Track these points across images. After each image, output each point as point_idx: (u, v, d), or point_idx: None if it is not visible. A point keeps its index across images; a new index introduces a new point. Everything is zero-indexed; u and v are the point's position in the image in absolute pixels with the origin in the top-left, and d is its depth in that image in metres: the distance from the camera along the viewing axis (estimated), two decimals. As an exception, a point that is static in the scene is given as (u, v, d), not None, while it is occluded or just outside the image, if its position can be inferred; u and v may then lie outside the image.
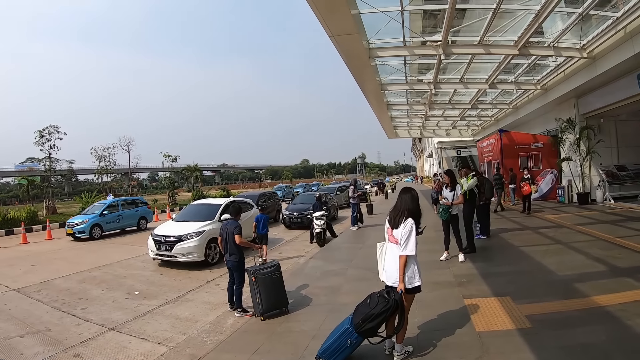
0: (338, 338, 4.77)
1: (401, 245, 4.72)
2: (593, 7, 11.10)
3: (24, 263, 13.09)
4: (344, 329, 4.78)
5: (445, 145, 43.95)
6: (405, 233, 4.71)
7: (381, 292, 4.82)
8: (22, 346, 6.29)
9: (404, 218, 4.80)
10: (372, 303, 4.71)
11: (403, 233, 4.73)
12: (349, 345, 4.72)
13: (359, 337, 4.71)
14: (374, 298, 4.78)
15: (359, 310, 4.82)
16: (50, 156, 32.77)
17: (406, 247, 4.69)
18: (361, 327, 4.66)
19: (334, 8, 10.08)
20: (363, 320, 4.65)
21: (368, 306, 4.72)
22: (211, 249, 11.59)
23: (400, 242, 4.73)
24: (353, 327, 4.71)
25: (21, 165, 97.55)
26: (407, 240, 4.70)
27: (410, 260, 4.75)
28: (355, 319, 4.76)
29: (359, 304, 4.92)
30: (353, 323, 4.74)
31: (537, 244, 10.55)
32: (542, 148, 20.79)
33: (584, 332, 5.02)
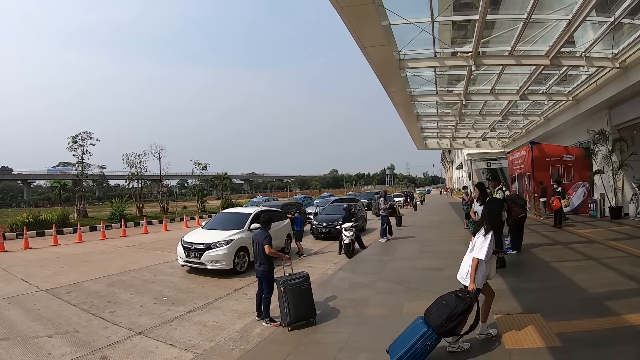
0: (417, 342, 4.79)
1: (475, 249, 5.13)
2: (625, 15, 10.88)
3: (54, 264, 13.37)
4: (422, 333, 4.82)
5: (475, 157, 43.45)
6: (485, 242, 5.09)
7: (455, 292, 5.06)
8: (50, 346, 6.39)
9: (484, 228, 5.18)
10: (451, 303, 4.93)
11: (482, 241, 5.12)
12: (428, 348, 4.81)
13: (437, 339, 4.83)
14: (450, 299, 5.00)
15: (435, 312, 4.98)
16: (82, 161, 33.44)
17: (479, 251, 5.08)
18: (444, 327, 4.82)
19: (365, 19, 10.13)
20: (446, 320, 4.81)
21: (447, 307, 4.91)
22: (240, 258, 11.61)
23: (475, 247, 5.15)
24: (432, 329, 4.81)
25: (54, 169, 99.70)
26: (482, 245, 5.09)
27: (481, 265, 5.10)
28: (433, 320, 4.89)
29: (432, 307, 5.11)
30: (431, 325, 4.85)
31: (568, 259, 10.32)
32: (573, 160, 20.38)
33: (615, 352, 4.88)
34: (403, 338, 4.99)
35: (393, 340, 5.10)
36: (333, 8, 9.47)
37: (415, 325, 4.98)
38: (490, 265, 5.28)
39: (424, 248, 13.92)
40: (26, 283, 10.76)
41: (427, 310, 5.11)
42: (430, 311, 5.06)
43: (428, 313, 5.06)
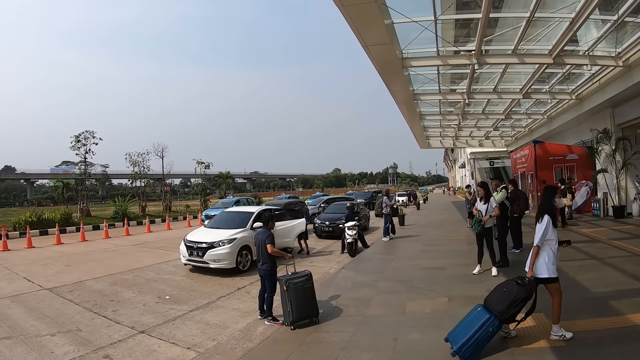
0: (479, 329, 4.87)
1: None
2: (628, 14, 10.82)
3: (57, 263, 13.42)
4: (485, 319, 4.92)
5: (478, 156, 43.38)
6: (540, 227, 5.32)
7: (515, 279, 5.20)
8: (53, 345, 6.40)
9: (541, 216, 5.39)
10: (513, 290, 5.06)
11: (539, 227, 5.35)
12: (490, 335, 4.91)
13: (499, 325, 4.95)
14: (510, 286, 5.13)
15: (497, 299, 5.09)
16: (85, 160, 33.52)
17: (535, 238, 5.32)
18: (506, 313, 4.93)
19: (367, 18, 10.10)
20: (508, 307, 4.91)
21: (509, 293, 5.04)
22: (242, 256, 11.62)
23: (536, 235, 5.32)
24: (494, 316, 4.91)
25: (57, 168, 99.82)
26: (537, 232, 5.34)
27: (542, 253, 5.29)
28: (495, 307, 4.99)
29: (492, 295, 5.22)
30: (493, 311, 4.95)
31: (571, 259, 10.26)
32: (576, 159, 20.31)
33: (618, 352, 4.87)
34: (464, 326, 5.05)
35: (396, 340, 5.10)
36: (336, 7, 9.46)
37: (476, 313, 5.06)
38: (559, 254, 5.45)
39: (426, 247, 13.91)
40: (29, 282, 10.80)
41: (487, 298, 5.22)
42: (491, 298, 5.16)
43: (488, 300, 5.16)
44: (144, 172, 38.90)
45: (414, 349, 5.48)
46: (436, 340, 5.66)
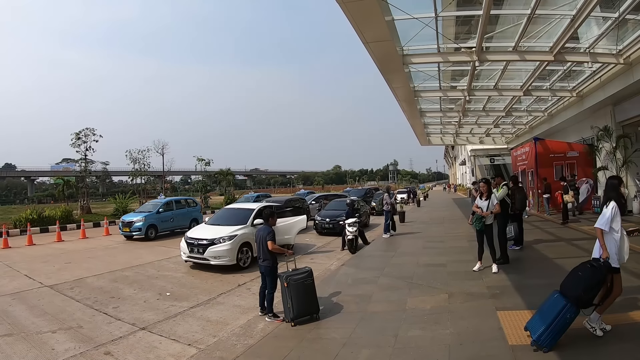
0: (557, 316, 4.89)
1: None
2: (629, 11, 10.77)
3: (57, 260, 13.41)
4: (562, 306, 4.92)
5: (478, 153, 43.37)
6: (605, 212, 5.33)
7: (589, 262, 5.18)
8: (54, 341, 6.41)
9: (607, 202, 5.40)
10: (587, 274, 5.01)
11: (604, 212, 5.34)
12: (568, 321, 4.91)
13: (576, 311, 4.93)
14: (585, 270, 5.09)
15: (572, 284, 5.04)
16: (85, 157, 33.50)
17: (599, 221, 5.33)
18: (582, 298, 4.89)
19: (368, 15, 10.09)
20: (584, 291, 4.87)
21: (584, 278, 4.99)
22: (243, 253, 11.63)
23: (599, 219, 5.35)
24: (570, 302, 4.89)
25: (57, 166, 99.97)
26: (602, 216, 5.34)
27: (609, 238, 5.29)
28: (571, 292, 4.97)
29: (568, 280, 5.17)
30: (569, 297, 4.93)
31: (572, 256, 10.26)
32: (577, 157, 20.25)
33: (618, 349, 4.88)
34: (542, 314, 5.07)
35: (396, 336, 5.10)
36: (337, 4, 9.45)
37: (553, 300, 5.05)
38: (622, 245, 5.31)
39: (427, 244, 13.93)
40: (30, 279, 10.80)
41: (563, 283, 5.19)
42: (567, 284, 5.12)
43: (564, 286, 5.13)
44: (145, 169, 38.84)
45: (414, 345, 5.48)
46: (436, 337, 5.70)
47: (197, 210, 22.21)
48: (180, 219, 20.47)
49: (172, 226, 19.97)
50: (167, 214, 19.86)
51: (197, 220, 20.67)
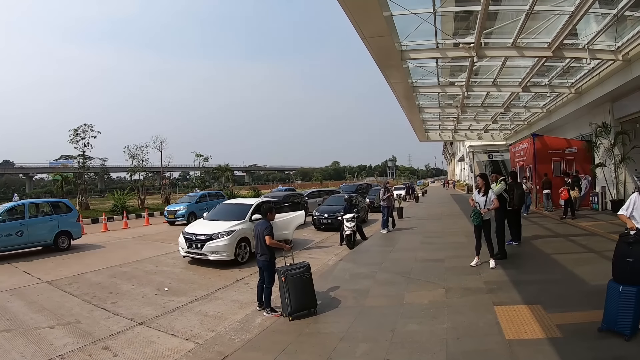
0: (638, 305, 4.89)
1: None
2: (628, 7, 10.77)
3: (56, 256, 13.49)
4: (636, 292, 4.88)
5: (477, 149, 43.38)
6: None
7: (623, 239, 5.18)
8: (52, 337, 6.43)
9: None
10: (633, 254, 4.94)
11: None
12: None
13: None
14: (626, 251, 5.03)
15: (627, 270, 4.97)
16: (84, 154, 33.46)
17: None
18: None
19: (366, 10, 10.08)
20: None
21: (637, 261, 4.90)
22: (241, 248, 11.65)
23: None
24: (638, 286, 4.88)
25: (55, 162, 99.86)
26: None
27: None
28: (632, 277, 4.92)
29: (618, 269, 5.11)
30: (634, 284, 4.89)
31: (569, 252, 10.34)
32: (575, 153, 20.23)
33: (616, 344, 4.88)
34: (619, 309, 4.98)
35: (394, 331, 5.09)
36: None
37: (622, 292, 4.97)
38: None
39: (425, 239, 13.94)
40: (28, 275, 10.84)
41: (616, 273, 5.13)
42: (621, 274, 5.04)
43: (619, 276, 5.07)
44: (143, 166, 38.82)
45: (412, 340, 5.50)
46: (434, 331, 5.72)
47: (70, 217, 16.54)
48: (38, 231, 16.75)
49: (20, 243, 14.23)
50: (202, 204, 23.74)
51: (70, 234, 17.44)
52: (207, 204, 23.72)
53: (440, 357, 4.94)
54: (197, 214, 21.74)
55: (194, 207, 23.47)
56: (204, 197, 25.51)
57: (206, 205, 23.31)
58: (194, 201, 24.39)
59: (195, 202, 24.15)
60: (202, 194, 26.52)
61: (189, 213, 22.66)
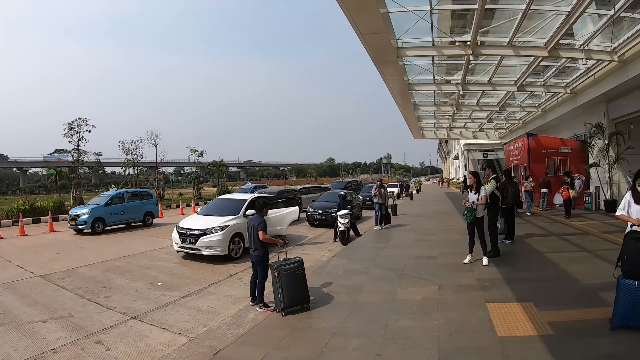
0: None
1: None
2: (624, 9, 10.81)
3: (49, 251, 13.41)
4: None
5: (471, 147, 43.54)
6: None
7: (633, 237, 5.23)
8: (45, 330, 6.42)
9: None
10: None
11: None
12: None
13: None
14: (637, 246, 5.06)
15: None
16: (78, 148, 33.36)
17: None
18: None
19: (363, 7, 10.09)
20: None
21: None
22: (235, 244, 11.63)
23: None
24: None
25: (50, 156, 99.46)
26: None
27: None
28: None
29: (629, 264, 5.15)
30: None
31: (562, 250, 10.38)
32: (570, 153, 20.31)
33: (607, 342, 4.91)
34: (635, 304, 5.02)
35: (386, 326, 5.08)
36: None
37: (638, 287, 5.01)
38: None
39: (419, 237, 13.97)
40: (22, 269, 10.78)
41: (626, 270, 5.18)
42: (635, 269, 5.07)
43: (632, 272, 5.10)
44: (137, 160, 38.73)
45: (404, 336, 5.52)
46: (426, 327, 5.74)
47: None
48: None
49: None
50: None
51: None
52: (123, 206, 19.16)
53: (432, 353, 4.95)
54: (107, 220, 18.20)
55: (102, 212, 18.08)
56: (119, 197, 19.57)
57: (122, 208, 19.06)
58: (103, 203, 18.56)
59: (105, 205, 18.46)
60: (116, 193, 20.34)
61: (94, 219, 17.51)
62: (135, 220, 19.86)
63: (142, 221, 20.05)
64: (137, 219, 19.92)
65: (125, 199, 19.58)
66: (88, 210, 17.76)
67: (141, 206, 20.25)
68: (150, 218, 20.55)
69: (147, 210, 20.53)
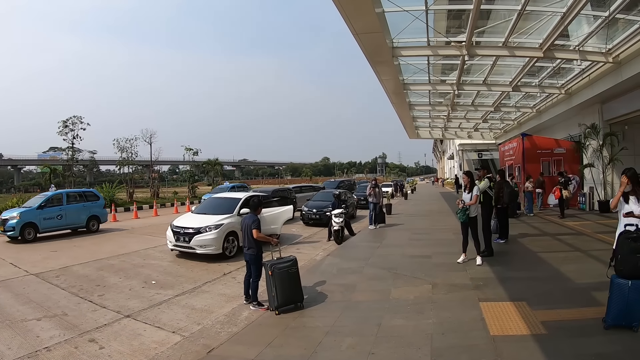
0: None
1: None
2: (619, 10, 10.85)
3: (43, 249, 13.37)
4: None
5: (466, 147, 43.64)
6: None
7: (627, 236, 5.23)
8: (39, 329, 6.40)
9: None
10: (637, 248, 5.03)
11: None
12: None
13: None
14: (630, 247, 5.09)
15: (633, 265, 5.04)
16: (73, 146, 33.28)
17: None
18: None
19: (358, 6, 10.09)
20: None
21: None
22: (229, 242, 11.63)
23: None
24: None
25: (44, 154, 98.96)
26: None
27: None
28: None
29: (623, 264, 5.13)
30: None
31: (556, 250, 10.42)
32: (564, 153, 20.36)
33: (600, 342, 4.93)
34: (629, 304, 5.04)
35: (380, 325, 5.08)
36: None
37: (632, 287, 5.02)
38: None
39: (413, 236, 14.00)
40: (15, 267, 10.75)
41: (619, 269, 5.19)
42: (627, 269, 5.08)
43: (625, 272, 5.11)
44: (132, 158, 38.61)
45: (397, 334, 5.52)
46: (419, 326, 5.75)
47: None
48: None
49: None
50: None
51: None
52: (61, 209, 16.50)
53: (425, 351, 4.96)
54: (40, 225, 15.55)
55: (33, 215, 15.49)
56: (58, 199, 16.90)
57: (60, 211, 16.38)
58: (36, 205, 15.99)
59: (39, 207, 15.85)
60: (53, 194, 17.54)
61: (23, 224, 14.95)
62: (77, 226, 17.24)
63: (85, 227, 17.42)
64: (79, 224, 17.30)
65: (64, 201, 16.83)
66: (17, 214, 15.19)
67: (84, 209, 17.62)
68: (95, 223, 17.92)
69: (92, 213, 17.86)
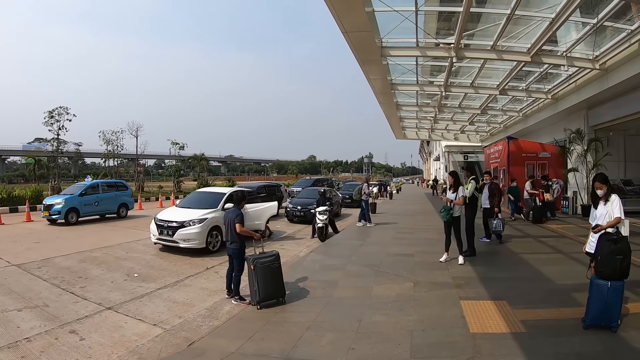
0: (622, 296, 5.22)
1: None
2: (608, 18, 10.98)
3: (26, 240, 13.19)
4: (622, 285, 5.18)
5: (452, 149, 43.83)
6: None
7: (605, 238, 5.34)
8: (19, 320, 6.33)
9: None
10: (616, 249, 5.15)
11: None
12: None
13: None
14: (618, 251, 5.17)
15: (609, 269, 5.16)
16: (58, 137, 32.91)
17: None
18: (623, 271, 5.16)
19: (348, 4, 10.11)
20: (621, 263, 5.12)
21: (623, 256, 5.14)
22: (213, 237, 11.60)
23: None
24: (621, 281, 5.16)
25: (29, 145, 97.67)
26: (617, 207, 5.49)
27: None
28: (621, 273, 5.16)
29: (602, 266, 5.24)
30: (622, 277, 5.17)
31: (538, 252, 10.56)
32: (549, 158, 20.54)
33: (579, 341, 5.00)
34: (607, 304, 5.15)
35: (360, 321, 5.11)
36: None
37: (611, 288, 5.13)
38: None
39: (397, 235, 14.06)
40: (-3, 257, 10.62)
41: (604, 272, 5.22)
42: (606, 270, 5.18)
43: (604, 273, 5.21)
44: (118, 151, 38.31)
45: (378, 331, 5.56)
46: (400, 323, 5.79)
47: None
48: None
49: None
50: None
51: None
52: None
53: (405, 347, 5.00)
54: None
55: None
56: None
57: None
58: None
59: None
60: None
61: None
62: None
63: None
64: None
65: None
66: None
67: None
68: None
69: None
